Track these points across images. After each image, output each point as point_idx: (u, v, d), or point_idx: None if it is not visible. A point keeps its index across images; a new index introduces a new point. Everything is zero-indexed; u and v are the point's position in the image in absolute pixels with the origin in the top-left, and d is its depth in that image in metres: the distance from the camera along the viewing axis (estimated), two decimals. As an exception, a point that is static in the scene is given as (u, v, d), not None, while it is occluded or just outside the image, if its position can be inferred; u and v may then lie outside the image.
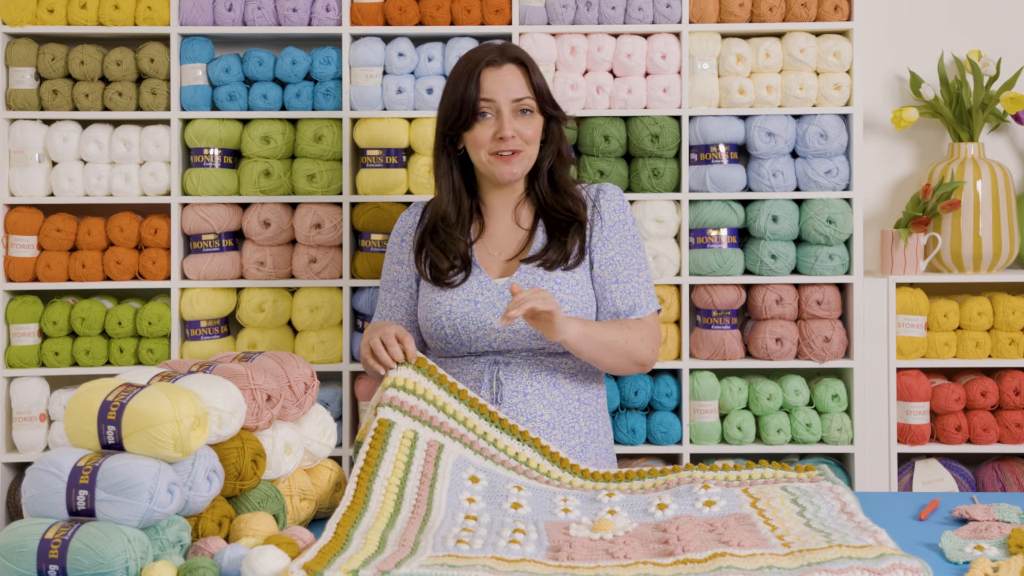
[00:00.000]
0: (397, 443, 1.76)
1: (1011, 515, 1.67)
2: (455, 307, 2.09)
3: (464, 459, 1.81)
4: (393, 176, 2.91)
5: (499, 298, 2.08)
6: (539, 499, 1.76)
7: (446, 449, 1.81)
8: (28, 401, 2.90)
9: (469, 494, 1.74)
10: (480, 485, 1.77)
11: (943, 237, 3.00)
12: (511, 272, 2.13)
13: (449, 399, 1.89)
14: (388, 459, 1.72)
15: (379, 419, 1.79)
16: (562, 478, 1.87)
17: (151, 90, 2.93)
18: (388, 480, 1.68)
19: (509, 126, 2.08)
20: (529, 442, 1.90)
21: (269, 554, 1.39)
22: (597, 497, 1.77)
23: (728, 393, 2.93)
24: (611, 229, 2.16)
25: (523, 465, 1.87)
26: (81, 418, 1.47)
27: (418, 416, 1.83)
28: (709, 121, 2.91)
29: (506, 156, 2.10)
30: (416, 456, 1.76)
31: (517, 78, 2.12)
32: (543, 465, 1.89)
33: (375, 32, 2.94)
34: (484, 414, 1.90)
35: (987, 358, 2.98)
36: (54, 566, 1.35)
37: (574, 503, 1.74)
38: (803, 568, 1.38)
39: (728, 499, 1.71)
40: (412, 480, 1.71)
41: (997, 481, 2.96)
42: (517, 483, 1.80)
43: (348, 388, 2.93)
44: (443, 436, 1.83)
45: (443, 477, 1.74)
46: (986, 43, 3.14)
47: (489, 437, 1.89)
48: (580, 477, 1.89)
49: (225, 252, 2.94)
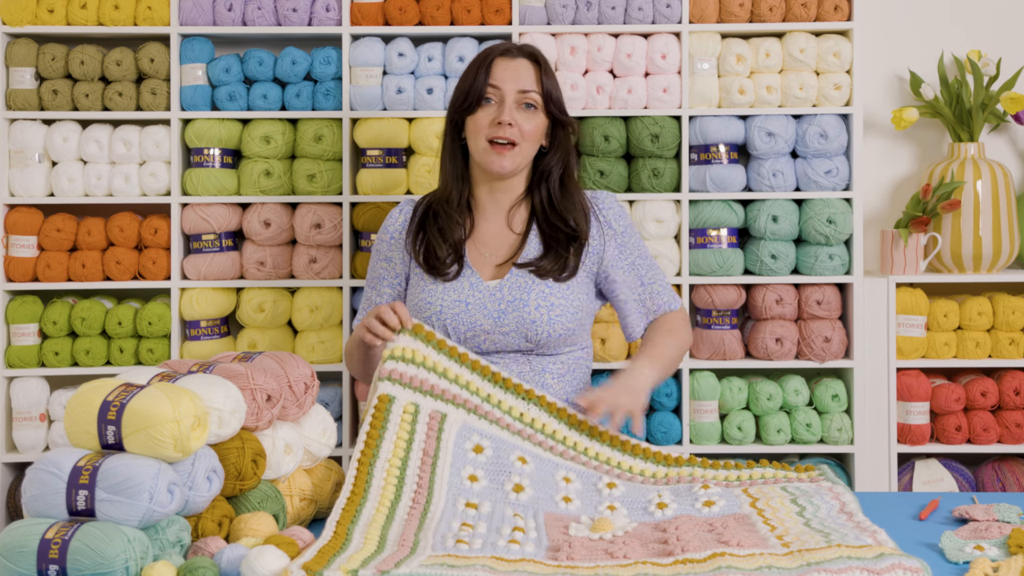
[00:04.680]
0: (398, 419, 1.74)
1: (1011, 515, 1.67)
2: (446, 307, 2.09)
3: (468, 427, 1.79)
4: (393, 176, 2.91)
5: (490, 300, 2.08)
6: (541, 477, 1.75)
7: (449, 418, 1.79)
8: (28, 401, 2.90)
9: (472, 470, 1.72)
10: (484, 456, 1.75)
11: (943, 237, 3.00)
12: (502, 275, 2.13)
13: (450, 363, 1.87)
14: (389, 438, 1.71)
15: (379, 395, 1.77)
16: (567, 439, 1.86)
17: (151, 90, 2.93)
18: (389, 462, 1.67)
19: (509, 113, 2.08)
20: (535, 400, 1.89)
21: (269, 554, 1.39)
22: (598, 486, 1.76)
23: (728, 393, 2.93)
24: (623, 236, 2.18)
25: (528, 427, 1.85)
26: (81, 418, 1.47)
27: (418, 387, 1.81)
28: (709, 121, 2.91)
29: (500, 147, 2.09)
30: (418, 431, 1.74)
31: (528, 72, 2.12)
32: (549, 424, 1.87)
33: (375, 32, 2.94)
34: (487, 375, 1.88)
35: (987, 358, 2.98)
36: (54, 566, 1.35)
37: (575, 487, 1.74)
38: (802, 568, 1.38)
39: (728, 499, 1.71)
40: (413, 460, 1.70)
41: (997, 481, 2.96)
42: (521, 453, 1.78)
43: (348, 388, 2.93)
44: (445, 404, 1.81)
45: (445, 452, 1.73)
46: (986, 43, 3.14)
47: (493, 399, 1.87)
48: (587, 436, 1.87)
49: (225, 252, 2.94)
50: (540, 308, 2.07)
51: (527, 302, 2.07)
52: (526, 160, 2.14)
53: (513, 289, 2.08)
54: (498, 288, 2.09)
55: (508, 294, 2.08)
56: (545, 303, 2.07)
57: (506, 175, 2.13)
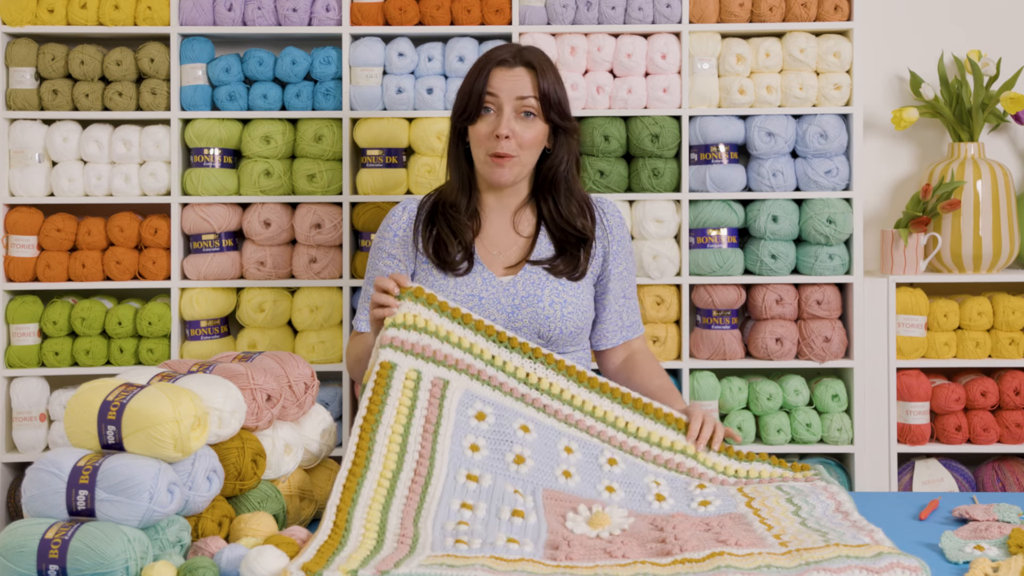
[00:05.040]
0: (400, 385, 1.73)
1: (1011, 515, 1.68)
2: (459, 302, 2.09)
3: (471, 393, 1.78)
4: (393, 176, 2.92)
5: (504, 295, 2.09)
6: (544, 447, 1.74)
7: (451, 385, 1.77)
8: (28, 401, 2.90)
9: (473, 439, 1.72)
10: (486, 423, 1.74)
11: (943, 237, 3.00)
12: (515, 272, 2.14)
13: (453, 326, 1.84)
14: (391, 404, 1.70)
15: (380, 362, 1.75)
16: (575, 398, 1.84)
17: (151, 90, 2.93)
18: (392, 428, 1.66)
19: (506, 125, 2.08)
20: (541, 359, 1.87)
21: (268, 554, 1.39)
22: (599, 460, 1.76)
23: (728, 393, 2.93)
24: (619, 244, 2.21)
25: (533, 390, 1.83)
26: (81, 418, 1.47)
27: (420, 353, 1.79)
28: (709, 121, 2.91)
29: (499, 159, 2.10)
30: (420, 398, 1.73)
31: (526, 80, 2.12)
32: (556, 384, 1.85)
33: (375, 32, 2.94)
34: (492, 335, 1.86)
35: (987, 358, 2.98)
36: (54, 566, 1.35)
37: (576, 458, 1.73)
38: (801, 567, 1.38)
39: (723, 499, 1.71)
40: (415, 427, 1.68)
41: (997, 481, 2.96)
42: (524, 421, 1.77)
43: (348, 388, 2.93)
44: (448, 370, 1.79)
45: (447, 420, 1.71)
46: (986, 43, 3.15)
47: (497, 361, 1.84)
48: (597, 393, 1.86)
49: (225, 252, 2.94)
50: (554, 304, 2.09)
51: (541, 298, 2.09)
52: (527, 168, 2.15)
53: (527, 285, 2.11)
54: (512, 284, 2.11)
55: (522, 289, 2.10)
56: (559, 299, 2.10)
57: (507, 186, 2.14)
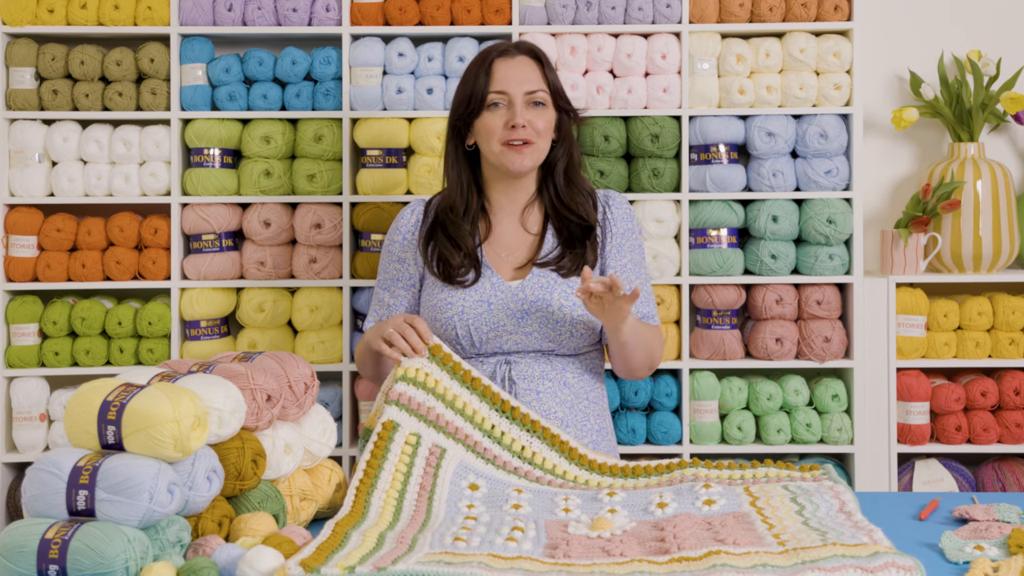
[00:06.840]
0: (399, 449, 1.76)
1: (1011, 515, 1.67)
2: (468, 308, 2.08)
3: (465, 465, 1.80)
4: (393, 176, 2.91)
5: (512, 300, 2.08)
6: (540, 500, 1.76)
7: (447, 454, 1.80)
8: (28, 401, 2.90)
9: (468, 502, 1.74)
10: (480, 492, 1.77)
11: (943, 237, 3.00)
12: (523, 275, 2.13)
13: (461, 390, 1.87)
14: (388, 468, 1.73)
15: (384, 421, 1.79)
16: (567, 473, 1.86)
17: (151, 90, 2.93)
18: (387, 492, 1.69)
19: (521, 115, 2.08)
20: (539, 433, 1.89)
21: (266, 553, 1.39)
22: (598, 496, 1.77)
23: (728, 393, 2.93)
24: (622, 237, 2.17)
25: (527, 464, 1.86)
26: (81, 418, 1.47)
27: (424, 415, 1.82)
28: (709, 121, 2.91)
29: (517, 146, 2.09)
30: (416, 464, 1.76)
31: (531, 70, 2.12)
32: (549, 460, 1.87)
33: (375, 32, 2.94)
34: (496, 404, 1.88)
35: (987, 358, 2.98)
36: (54, 566, 1.35)
37: (575, 502, 1.74)
38: (796, 566, 1.38)
39: (728, 498, 1.71)
40: (411, 492, 1.71)
41: (997, 481, 2.96)
42: (518, 487, 1.79)
43: (348, 388, 2.93)
44: (446, 438, 1.82)
45: (442, 487, 1.74)
46: (986, 43, 3.14)
47: (496, 432, 1.87)
48: (587, 470, 1.88)
49: (225, 252, 2.94)
50: (564, 308, 2.07)
51: (550, 301, 2.07)
52: (543, 155, 2.14)
53: (535, 289, 2.09)
54: (520, 288, 2.09)
55: (531, 294, 2.08)
56: (568, 302, 2.08)
57: (526, 172, 2.13)
